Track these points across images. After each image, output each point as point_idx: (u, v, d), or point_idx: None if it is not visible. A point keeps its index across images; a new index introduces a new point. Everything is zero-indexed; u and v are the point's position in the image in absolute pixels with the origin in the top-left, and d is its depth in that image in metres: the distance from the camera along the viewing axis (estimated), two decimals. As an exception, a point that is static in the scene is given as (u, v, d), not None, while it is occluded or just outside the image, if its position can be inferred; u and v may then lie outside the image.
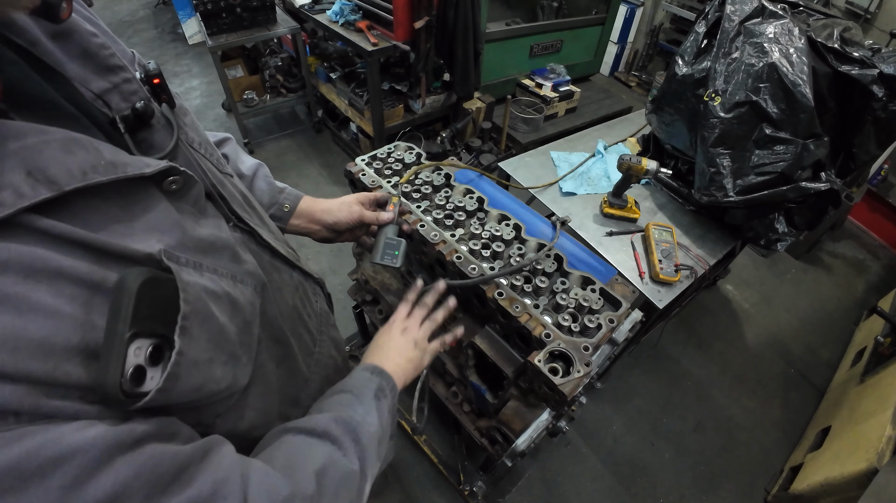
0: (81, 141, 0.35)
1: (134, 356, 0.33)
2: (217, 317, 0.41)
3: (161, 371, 0.35)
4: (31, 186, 0.30)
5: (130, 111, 0.43)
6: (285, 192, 0.86)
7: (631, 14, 4.51)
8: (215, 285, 0.43)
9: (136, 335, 0.33)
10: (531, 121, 3.15)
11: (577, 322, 0.84)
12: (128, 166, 0.37)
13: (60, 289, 0.31)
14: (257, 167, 0.85)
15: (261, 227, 0.58)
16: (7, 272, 0.29)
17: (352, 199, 0.90)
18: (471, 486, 1.60)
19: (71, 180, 0.33)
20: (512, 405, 1.11)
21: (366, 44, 2.48)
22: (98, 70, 0.43)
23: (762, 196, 1.31)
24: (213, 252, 0.45)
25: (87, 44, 0.42)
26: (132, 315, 0.32)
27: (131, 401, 0.33)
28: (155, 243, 0.38)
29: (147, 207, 0.39)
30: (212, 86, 4.11)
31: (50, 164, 0.32)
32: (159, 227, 0.39)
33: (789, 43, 1.24)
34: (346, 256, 2.54)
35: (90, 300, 0.33)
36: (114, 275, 0.34)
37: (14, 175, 0.30)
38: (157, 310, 0.35)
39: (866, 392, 1.87)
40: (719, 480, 1.88)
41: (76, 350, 0.31)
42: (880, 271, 3.00)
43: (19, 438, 0.28)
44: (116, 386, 0.31)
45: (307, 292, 0.70)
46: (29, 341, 0.29)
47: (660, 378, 2.20)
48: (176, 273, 0.37)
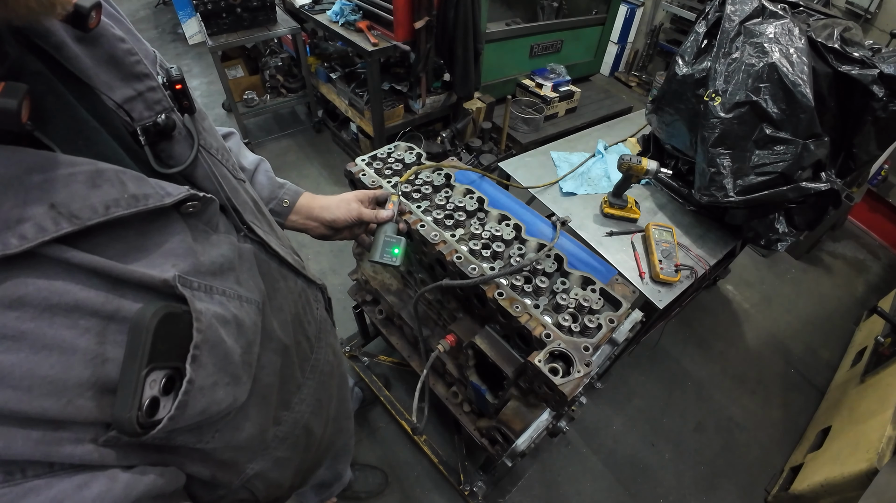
0: (107, 173, 0.35)
1: (150, 389, 0.34)
2: (225, 342, 0.42)
3: (172, 399, 0.36)
4: (54, 220, 0.30)
5: (153, 124, 0.43)
6: (285, 188, 0.86)
7: (631, 14, 4.51)
8: (224, 309, 0.43)
9: (153, 369, 0.34)
10: (531, 121, 3.15)
11: (578, 322, 0.84)
12: (149, 198, 0.37)
13: (76, 322, 0.31)
14: (259, 162, 0.85)
15: (270, 236, 0.58)
16: (24, 307, 0.29)
17: (351, 196, 0.90)
18: (471, 486, 1.60)
19: (93, 215, 0.33)
20: (512, 405, 1.11)
21: (366, 44, 2.48)
22: (124, 77, 0.42)
23: (762, 196, 1.31)
24: (223, 274, 0.45)
25: (113, 49, 0.41)
26: (149, 352, 0.33)
27: (146, 431, 0.33)
28: (170, 268, 0.38)
29: (164, 233, 0.40)
30: (212, 86, 4.11)
31: (74, 199, 0.32)
32: (175, 253, 0.40)
33: (789, 43, 1.24)
34: (347, 256, 2.54)
35: (104, 331, 0.33)
36: (128, 303, 0.34)
37: (36, 208, 0.30)
38: (172, 344, 0.36)
39: (866, 392, 1.86)
40: (719, 480, 1.87)
41: (88, 384, 0.31)
42: (880, 271, 3.00)
43: (25, 495, 0.28)
44: (133, 420, 0.32)
45: (309, 299, 0.70)
46: (43, 379, 0.29)
47: (660, 378, 2.20)
48: (190, 301, 0.38)
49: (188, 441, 0.42)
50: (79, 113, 0.38)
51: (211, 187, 0.48)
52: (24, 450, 0.28)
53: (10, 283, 0.28)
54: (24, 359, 0.28)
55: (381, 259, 0.84)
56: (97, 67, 0.40)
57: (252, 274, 0.51)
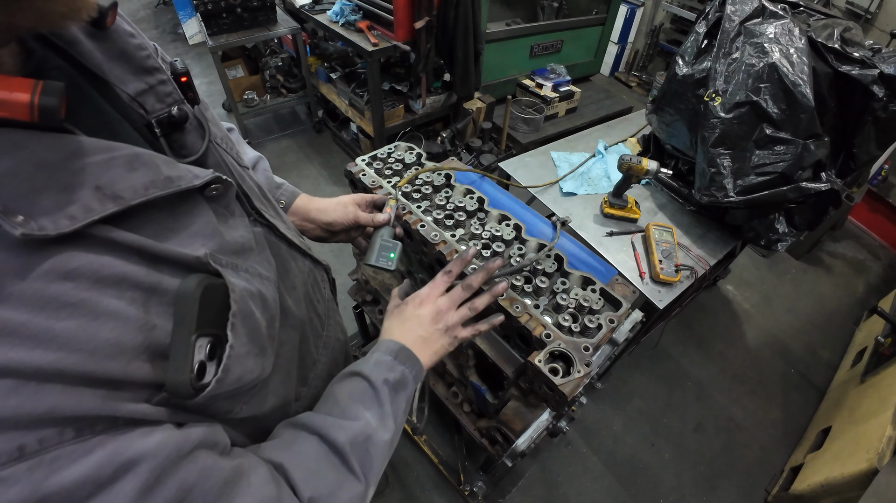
0: (143, 157, 0.38)
1: (198, 354, 0.37)
2: (255, 314, 0.45)
3: (217, 364, 0.39)
4: (100, 201, 0.33)
5: (167, 116, 0.45)
6: (282, 188, 0.86)
7: (631, 14, 4.51)
8: (249, 284, 0.45)
9: (199, 335, 0.37)
10: (531, 121, 3.15)
11: (578, 322, 0.84)
12: (181, 179, 0.40)
13: (123, 293, 0.33)
14: (257, 160, 0.85)
15: (276, 219, 0.59)
16: (78, 279, 0.31)
17: (348, 199, 0.90)
18: (471, 486, 1.60)
19: (135, 196, 0.35)
20: (512, 405, 1.12)
21: (366, 44, 2.48)
22: (135, 71, 0.43)
23: (762, 196, 1.31)
24: (244, 253, 0.47)
25: (124, 44, 0.43)
26: (197, 319, 0.36)
27: (196, 393, 0.37)
28: (200, 247, 0.40)
29: (191, 215, 0.42)
30: (212, 86, 4.12)
31: (116, 181, 0.34)
32: (202, 233, 0.42)
33: (790, 43, 1.24)
34: (347, 257, 2.54)
35: (147, 302, 0.35)
36: (167, 278, 0.37)
37: (83, 191, 0.32)
38: (212, 313, 0.39)
39: (867, 392, 1.87)
40: (719, 480, 1.88)
41: (141, 349, 0.34)
42: (880, 271, 3.00)
43: (93, 448, 0.30)
44: (188, 382, 0.35)
45: (316, 279, 0.71)
46: (104, 342, 0.31)
47: (660, 378, 2.20)
48: (224, 275, 0.41)
49: (221, 409, 0.44)
50: (101, 105, 0.40)
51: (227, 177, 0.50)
52: (92, 407, 0.30)
53: (63, 256, 0.30)
54: (86, 325, 0.30)
55: (376, 263, 0.84)
56: (109, 62, 0.42)
57: (265, 255, 0.53)
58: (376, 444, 0.55)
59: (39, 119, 0.31)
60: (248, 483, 0.41)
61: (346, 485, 0.51)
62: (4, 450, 0.27)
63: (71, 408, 0.29)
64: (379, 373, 0.60)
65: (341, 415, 0.55)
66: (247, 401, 0.48)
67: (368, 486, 0.53)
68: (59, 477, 0.28)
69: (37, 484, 0.27)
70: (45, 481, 0.28)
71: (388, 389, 0.60)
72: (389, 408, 0.59)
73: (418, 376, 0.64)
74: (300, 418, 0.55)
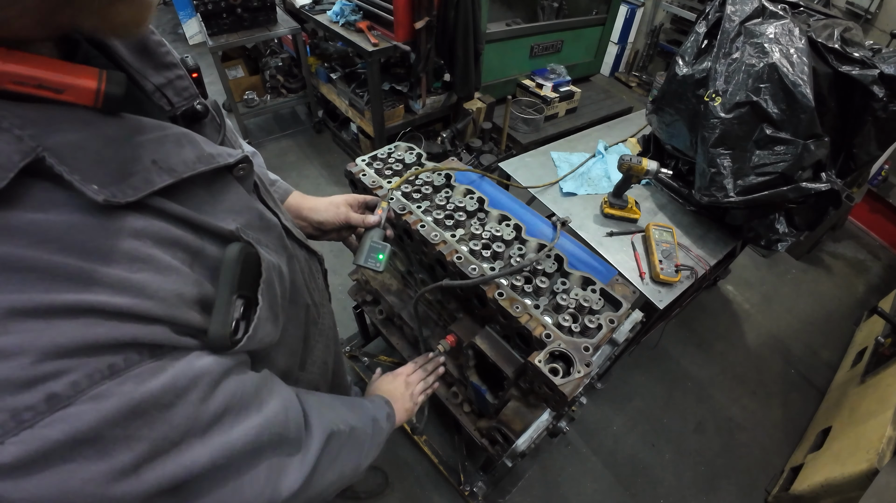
0: (189, 135, 0.42)
1: (235, 312, 0.42)
2: (275, 284, 0.50)
3: (246, 324, 0.44)
4: (157, 174, 0.37)
5: (191, 110, 0.49)
6: (276, 185, 0.87)
7: (631, 14, 4.51)
8: (272, 258, 0.50)
9: (238, 296, 0.42)
10: (531, 121, 3.15)
11: (578, 322, 0.84)
12: (220, 157, 0.45)
13: (177, 254, 0.38)
14: (252, 155, 0.86)
15: (277, 209, 0.62)
16: (145, 238, 0.35)
17: (340, 199, 0.90)
18: (471, 487, 1.60)
19: (186, 169, 0.40)
20: (512, 405, 1.12)
21: (366, 44, 2.48)
22: (155, 66, 0.47)
23: (762, 196, 1.31)
24: (267, 230, 0.52)
25: (146, 40, 0.46)
26: (238, 281, 0.42)
27: (232, 346, 0.42)
28: (231, 222, 0.45)
29: (225, 191, 0.46)
30: (212, 86, 4.11)
31: (170, 156, 0.39)
32: (234, 209, 0.47)
33: (790, 43, 1.24)
34: (347, 257, 2.54)
35: (193, 264, 0.40)
36: (208, 245, 0.42)
37: (143, 164, 0.37)
38: (249, 277, 0.44)
39: (867, 392, 1.86)
40: (720, 481, 1.87)
41: (195, 300, 0.39)
42: (881, 272, 3.00)
43: (166, 366, 0.36)
44: (227, 335, 0.41)
45: (311, 268, 0.73)
46: (170, 292, 0.36)
47: (660, 378, 2.20)
48: (256, 247, 0.46)
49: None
50: (137, 95, 0.44)
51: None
52: (163, 338, 0.36)
53: (129, 219, 0.35)
54: (154, 277, 0.35)
55: (364, 264, 0.85)
56: (131, 56, 0.45)
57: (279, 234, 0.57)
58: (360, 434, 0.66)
59: (103, 105, 0.35)
60: (271, 389, 0.49)
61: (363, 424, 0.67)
62: (98, 368, 0.31)
63: (148, 337, 0.34)
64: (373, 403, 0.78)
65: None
66: (258, 370, 0.52)
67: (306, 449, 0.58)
68: (145, 387, 0.34)
69: (128, 394, 0.33)
70: (134, 391, 0.33)
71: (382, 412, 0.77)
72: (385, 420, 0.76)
73: (393, 425, 0.81)
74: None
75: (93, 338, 0.31)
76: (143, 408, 0.33)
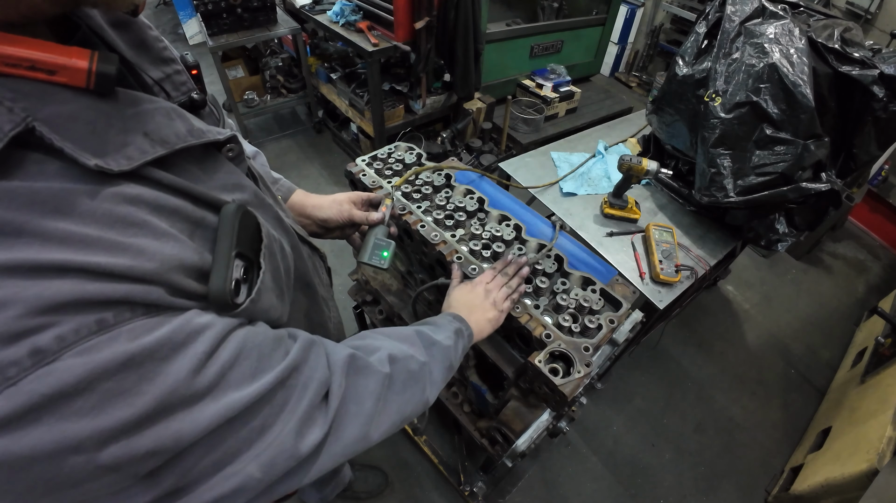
0: (177, 110, 0.42)
1: (235, 271, 0.41)
2: (276, 255, 0.50)
3: (249, 287, 0.43)
4: (151, 145, 0.37)
5: (189, 100, 0.49)
6: (279, 183, 0.87)
7: (631, 14, 4.51)
8: (273, 231, 0.50)
9: (237, 255, 0.41)
10: (531, 121, 3.15)
11: (578, 322, 0.84)
12: (210, 133, 0.45)
13: (175, 222, 0.38)
14: (255, 154, 0.86)
15: (276, 206, 0.61)
16: (140, 205, 0.35)
17: (343, 197, 0.91)
18: (471, 487, 1.60)
19: (178, 141, 0.40)
20: (512, 405, 1.12)
21: (366, 44, 2.48)
22: (153, 61, 0.47)
23: (763, 196, 1.31)
24: (263, 208, 0.52)
25: (144, 35, 0.47)
26: (237, 236, 0.41)
27: (232, 307, 0.41)
28: (227, 196, 0.45)
29: (216, 168, 0.46)
30: (212, 86, 4.11)
31: (161, 128, 0.39)
32: (226, 186, 0.46)
33: (790, 43, 1.24)
34: (347, 257, 2.54)
35: (193, 233, 0.40)
36: (208, 215, 0.41)
37: (135, 136, 0.37)
38: (248, 238, 0.44)
39: (867, 393, 1.86)
40: (720, 481, 1.87)
41: (194, 268, 0.38)
42: (881, 272, 3.00)
43: (164, 322, 0.35)
44: (227, 292, 0.39)
45: (316, 264, 0.73)
46: (168, 256, 0.35)
47: (660, 378, 2.20)
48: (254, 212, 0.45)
49: None
50: (134, 86, 0.43)
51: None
52: (158, 298, 0.34)
53: (124, 186, 0.35)
54: (152, 243, 0.34)
55: (369, 261, 0.84)
56: (130, 51, 0.45)
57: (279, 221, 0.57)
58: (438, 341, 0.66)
59: (95, 86, 0.34)
60: (296, 334, 0.49)
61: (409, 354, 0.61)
62: (85, 323, 0.30)
63: (141, 295, 0.33)
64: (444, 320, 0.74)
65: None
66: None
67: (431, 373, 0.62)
68: (140, 342, 0.32)
69: (121, 348, 0.31)
70: (128, 345, 0.32)
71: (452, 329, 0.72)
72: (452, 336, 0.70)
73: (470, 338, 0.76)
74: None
75: (80, 294, 0.30)
76: (137, 361, 0.32)
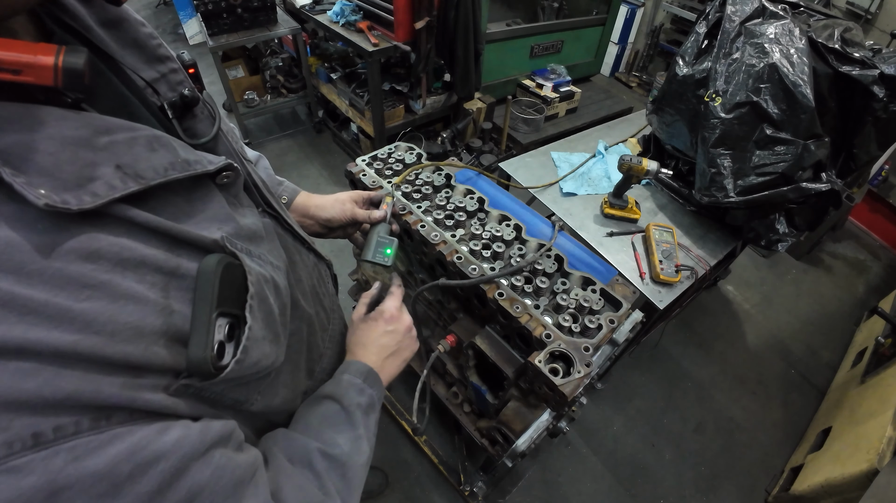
0: (162, 139, 0.38)
1: (217, 333, 0.36)
2: (269, 299, 0.45)
3: (235, 346, 0.38)
4: (121, 180, 0.33)
5: (178, 98, 0.45)
6: (283, 185, 0.88)
7: (631, 14, 4.51)
8: (263, 269, 0.46)
9: (219, 315, 0.36)
10: (532, 121, 3.15)
11: (578, 322, 0.84)
12: (197, 164, 0.40)
13: (144, 276, 0.33)
14: (258, 158, 0.86)
15: (282, 212, 0.60)
16: (99, 260, 0.30)
17: (346, 196, 0.91)
18: (471, 487, 1.60)
19: (156, 176, 0.35)
20: (512, 406, 1.11)
21: (366, 44, 2.48)
22: (147, 59, 0.44)
23: (763, 196, 1.31)
24: (257, 240, 0.48)
25: (136, 33, 0.44)
26: (217, 296, 0.36)
27: (217, 373, 0.36)
28: (216, 231, 0.40)
29: (205, 200, 0.42)
30: (212, 86, 4.10)
31: (138, 160, 0.35)
32: (217, 218, 0.42)
33: (790, 43, 1.24)
34: (347, 256, 2.54)
35: (167, 286, 0.35)
36: (185, 262, 0.36)
37: (105, 168, 0.32)
38: (233, 292, 0.39)
39: (867, 393, 1.86)
40: (720, 481, 1.87)
41: (160, 333, 0.33)
42: (881, 272, 3.00)
43: (111, 441, 0.29)
44: (208, 359, 0.34)
45: (321, 273, 0.72)
46: (124, 325, 0.30)
47: (660, 378, 2.20)
48: (241, 257, 0.41)
49: (238, 399, 0.44)
50: (120, 89, 0.41)
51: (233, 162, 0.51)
52: (111, 394, 0.29)
53: (85, 237, 0.30)
54: (106, 307, 0.30)
55: (372, 259, 0.84)
56: (122, 50, 0.42)
57: (275, 244, 0.54)
58: (352, 469, 0.55)
59: (63, 83, 0.30)
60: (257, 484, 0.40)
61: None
62: (20, 436, 0.25)
63: (89, 394, 0.28)
64: (351, 397, 0.61)
65: (315, 438, 0.55)
66: (261, 390, 0.48)
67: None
68: (77, 468, 0.27)
69: (53, 474, 0.26)
70: (61, 472, 0.26)
71: (360, 413, 0.60)
72: (363, 430, 0.59)
73: (381, 398, 0.66)
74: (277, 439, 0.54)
75: (16, 394, 0.25)
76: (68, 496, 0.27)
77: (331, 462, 0.53)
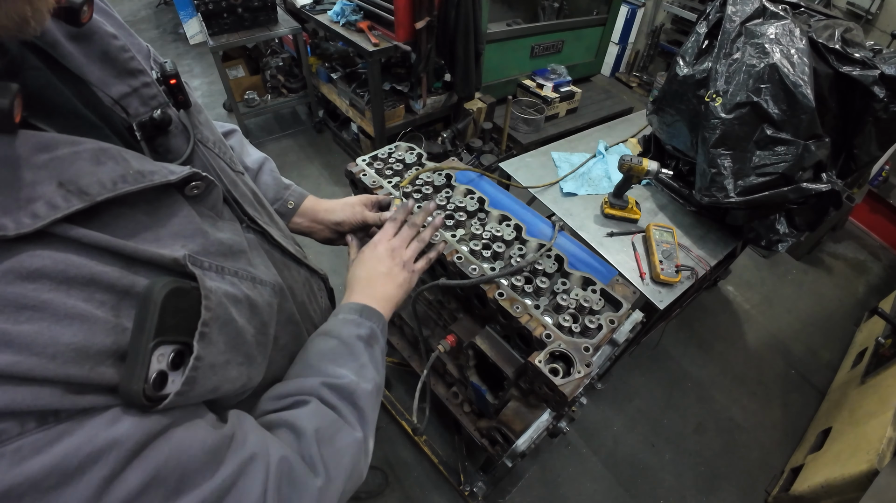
0: (110, 151, 0.36)
1: (157, 362, 0.34)
2: (236, 321, 0.42)
3: (181, 375, 0.36)
4: (64, 198, 0.31)
5: (149, 119, 0.43)
6: (290, 189, 0.87)
7: (632, 15, 4.51)
8: (236, 289, 0.43)
9: (160, 343, 0.34)
10: (532, 121, 3.15)
11: (578, 322, 0.84)
12: (154, 174, 0.38)
13: (92, 295, 0.32)
14: (263, 161, 0.85)
15: (270, 226, 0.59)
16: (41, 279, 0.29)
17: (355, 200, 0.91)
18: (471, 487, 1.60)
19: (102, 191, 0.33)
20: (512, 406, 1.12)
21: (367, 44, 2.48)
22: (118, 74, 0.43)
23: (763, 197, 1.31)
24: (233, 256, 0.46)
25: (107, 46, 0.42)
26: (157, 325, 0.33)
27: (153, 404, 0.34)
28: (180, 248, 0.39)
29: (171, 213, 0.40)
30: (213, 86, 4.12)
31: (81, 176, 0.33)
32: (183, 233, 0.40)
33: (790, 44, 1.24)
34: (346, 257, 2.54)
35: (119, 305, 0.33)
36: (142, 280, 0.35)
37: (46, 187, 0.31)
38: (181, 319, 0.36)
39: (867, 393, 1.86)
40: (720, 481, 1.87)
41: (108, 352, 0.32)
42: (881, 272, 2.99)
43: (59, 437, 0.29)
44: (140, 392, 0.32)
45: (313, 288, 0.71)
46: (66, 346, 0.29)
47: (660, 379, 2.20)
48: (200, 279, 0.38)
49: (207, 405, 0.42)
50: (78, 109, 0.39)
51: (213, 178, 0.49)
52: (52, 402, 0.29)
53: (23, 256, 0.29)
54: (47, 328, 0.29)
55: None
56: (91, 65, 0.41)
57: (263, 259, 0.52)
58: (361, 397, 0.54)
59: None
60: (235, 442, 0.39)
61: (344, 431, 0.51)
62: None
63: (29, 403, 0.28)
64: (349, 331, 0.60)
65: (316, 375, 0.54)
66: (234, 405, 0.46)
67: (367, 436, 0.54)
68: (23, 467, 0.27)
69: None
70: (7, 472, 0.26)
71: (362, 344, 0.60)
72: (367, 359, 0.58)
73: (384, 329, 0.65)
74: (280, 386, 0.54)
75: None
76: (15, 494, 0.27)
77: (338, 392, 0.53)
